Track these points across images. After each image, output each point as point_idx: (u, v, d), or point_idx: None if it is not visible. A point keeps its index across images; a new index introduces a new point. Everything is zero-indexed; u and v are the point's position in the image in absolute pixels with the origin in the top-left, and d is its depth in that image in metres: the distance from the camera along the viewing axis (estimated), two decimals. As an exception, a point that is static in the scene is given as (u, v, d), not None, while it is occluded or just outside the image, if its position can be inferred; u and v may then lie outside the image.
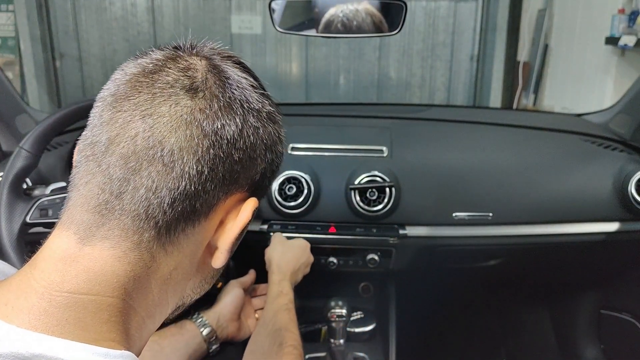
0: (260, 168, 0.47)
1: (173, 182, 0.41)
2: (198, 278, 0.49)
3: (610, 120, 1.38)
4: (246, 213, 0.46)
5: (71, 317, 0.39)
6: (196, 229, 0.44)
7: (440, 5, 3.87)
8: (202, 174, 0.41)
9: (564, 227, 1.17)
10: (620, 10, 2.56)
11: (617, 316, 1.45)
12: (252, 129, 0.45)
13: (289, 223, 1.14)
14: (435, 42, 3.94)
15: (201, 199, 0.42)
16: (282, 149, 0.50)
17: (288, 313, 0.88)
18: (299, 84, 4.05)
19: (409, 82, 4.04)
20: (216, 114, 0.42)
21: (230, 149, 0.43)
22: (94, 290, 0.40)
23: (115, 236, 0.41)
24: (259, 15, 3.86)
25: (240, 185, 0.45)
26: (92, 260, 0.40)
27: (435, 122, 1.39)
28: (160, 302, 0.45)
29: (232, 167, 0.43)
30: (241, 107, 0.44)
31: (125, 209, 0.40)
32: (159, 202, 0.41)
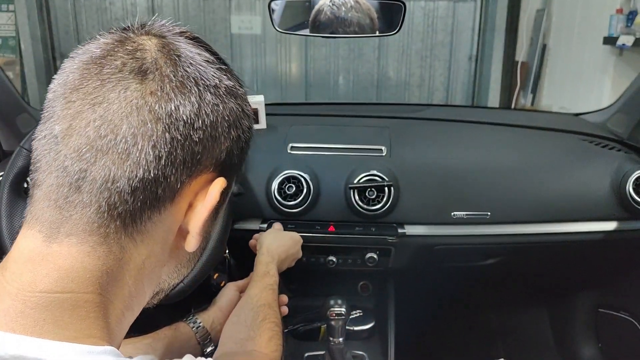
0: (225, 146, 0.45)
1: (130, 170, 0.39)
2: (172, 263, 0.48)
3: (608, 120, 1.38)
4: (213, 194, 0.44)
5: (48, 316, 0.38)
6: (163, 215, 0.43)
7: (439, 6, 3.88)
8: (160, 159, 0.40)
9: (562, 226, 1.18)
10: (618, 10, 2.57)
11: (615, 315, 1.45)
12: (211, 107, 0.43)
13: (289, 222, 1.14)
14: (434, 42, 3.95)
15: (163, 185, 0.41)
16: (249, 124, 0.48)
17: (273, 293, 0.89)
18: (298, 84, 4.05)
19: (407, 82, 4.04)
20: (169, 95, 0.41)
21: (188, 130, 0.41)
22: (67, 287, 0.39)
23: (81, 231, 0.40)
24: (259, 16, 3.86)
25: (205, 166, 0.44)
26: (61, 258, 0.40)
27: (434, 122, 1.39)
28: (137, 293, 0.45)
29: (193, 149, 0.42)
30: (196, 85, 0.42)
31: (85, 202, 0.39)
32: (119, 191, 0.39)
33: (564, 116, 1.71)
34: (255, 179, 1.15)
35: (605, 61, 2.72)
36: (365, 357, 1.21)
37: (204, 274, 0.92)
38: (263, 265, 0.94)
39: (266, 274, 0.92)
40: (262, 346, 0.75)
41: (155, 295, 0.50)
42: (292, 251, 1.05)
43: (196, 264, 0.90)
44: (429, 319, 1.62)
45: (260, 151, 1.19)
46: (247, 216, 1.15)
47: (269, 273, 0.93)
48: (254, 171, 1.16)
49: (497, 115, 1.56)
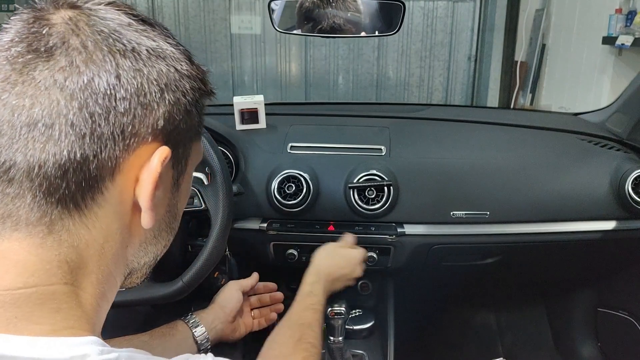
0: (161, 113, 0.42)
1: (54, 153, 0.38)
2: (136, 243, 0.46)
3: (607, 120, 1.39)
4: (153, 164, 0.42)
5: (19, 313, 0.37)
6: (107, 195, 0.41)
7: (439, 6, 3.88)
8: (83, 137, 0.38)
9: (561, 225, 1.18)
10: (617, 10, 2.57)
11: (614, 314, 1.45)
12: (132, 73, 0.40)
13: (288, 221, 1.15)
14: (434, 42, 3.95)
15: (95, 163, 0.39)
16: (192, 84, 0.45)
17: (314, 313, 0.86)
18: (298, 83, 4.05)
19: (407, 81, 4.05)
20: (79, 69, 0.38)
21: (109, 102, 0.39)
22: (29, 282, 0.38)
23: (24, 224, 0.39)
24: (259, 16, 3.87)
25: (142, 136, 0.41)
26: (15, 253, 0.39)
27: (433, 122, 1.39)
28: (106, 278, 0.43)
29: (120, 121, 0.39)
30: (109, 52, 0.40)
31: (19, 193, 0.38)
32: (49, 176, 0.38)
33: (563, 116, 1.71)
34: (255, 178, 1.15)
35: (605, 61, 2.73)
36: (365, 356, 1.21)
37: (204, 273, 0.92)
38: (308, 285, 0.92)
39: (309, 294, 0.90)
40: None
41: (128, 276, 0.49)
42: (344, 271, 1.00)
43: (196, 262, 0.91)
44: (429, 317, 1.63)
45: (260, 151, 1.20)
46: (247, 215, 1.15)
47: (312, 293, 0.91)
48: (253, 171, 1.16)
49: (496, 115, 1.56)
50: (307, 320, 0.84)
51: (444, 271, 1.28)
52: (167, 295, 0.90)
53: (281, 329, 0.83)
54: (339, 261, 1.01)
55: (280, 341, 0.79)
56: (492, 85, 3.84)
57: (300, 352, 0.76)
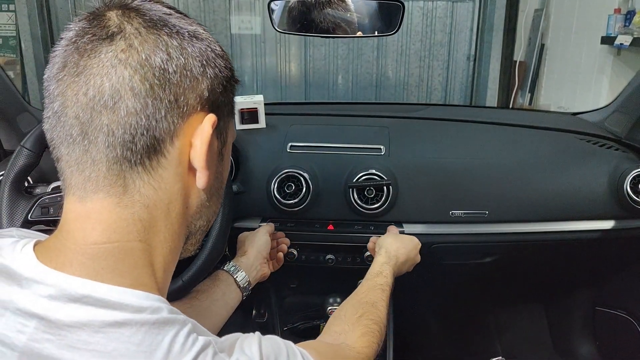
0: (206, 85, 0.49)
1: (125, 121, 0.44)
2: (194, 205, 0.52)
3: (606, 119, 1.39)
4: (206, 128, 0.49)
5: (105, 265, 0.44)
6: (169, 157, 0.47)
7: (438, 6, 3.89)
8: (146, 106, 0.45)
9: (560, 224, 1.18)
10: (616, 10, 2.58)
11: (612, 313, 1.46)
12: (179, 50, 0.47)
13: (288, 220, 1.15)
14: (433, 42, 3.96)
15: (158, 129, 0.46)
16: (225, 63, 0.52)
17: (381, 293, 0.89)
18: (298, 83, 4.05)
19: (406, 81, 4.05)
20: (137, 49, 0.45)
21: (164, 74, 0.46)
22: (113, 237, 0.45)
23: (102, 186, 0.45)
24: (259, 16, 3.87)
25: (193, 105, 0.48)
26: (98, 213, 0.45)
27: (432, 121, 1.40)
28: (172, 237, 0.50)
29: (175, 91, 0.46)
30: (159, 35, 0.47)
31: (96, 159, 0.45)
32: (121, 142, 0.44)
33: (561, 115, 1.72)
34: (255, 177, 1.15)
35: (603, 61, 2.73)
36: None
37: (204, 272, 0.92)
38: (378, 265, 0.96)
39: (379, 274, 0.94)
40: (353, 340, 0.75)
41: (187, 240, 0.55)
42: (412, 254, 1.05)
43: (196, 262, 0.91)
44: (427, 316, 1.63)
45: (260, 150, 1.20)
46: (247, 215, 1.15)
47: (381, 273, 0.94)
48: (254, 170, 1.16)
49: (495, 115, 1.56)
50: (372, 299, 0.86)
51: (443, 270, 1.28)
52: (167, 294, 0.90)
53: (346, 305, 0.85)
54: (407, 245, 1.05)
55: (343, 317, 0.81)
56: (491, 85, 3.84)
57: (359, 328, 0.78)
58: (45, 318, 0.41)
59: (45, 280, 0.42)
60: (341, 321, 0.80)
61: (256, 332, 0.52)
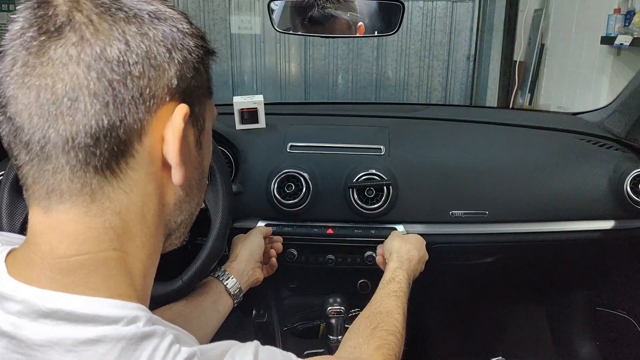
0: (173, 72, 0.44)
1: (84, 124, 0.40)
2: (171, 202, 0.48)
3: (606, 119, 1.39)
4: (176, 121, 0.44)
5: (76, 279, 0.41)
6: (138, 158, 0.43)
7: (438, 6, 3.89)
8: (107, 104, 0.40)
9: (560, 225, 1.18)
10: (616, 10, 2.58)
11: (613, 313, 1.46)
12: (139, 37, 0.42)
13: (286, 224, 1.15)
14: (433, 42, 3.96)
15: (122, 129, 0.41)
16: (194, 41, 0.46)
17: (396, 300, 0.85)
18: (298, 83, 4.05)
19: (406, 81, 4.05)
20: (90, 41, 0.40)
21: (123, 68, 0.41)
22: (82, 249, 0.42)
23: (67, 196, 0.41)
24: (259, 16, 3.87)
25: (160, 97, 0.43)
26: (64, 224, 0.42)
27: (432, 121, 1.40)
28: (149, 240, 0.46)
29: (137, 84, 0.42)
30: (114, 21, 0.41)
31: (58, 167, 0.41)
32: (83, 147, 0.40)
33: (561, 115, 1.72)
34: (255, 178, 1.15)
35: (603, 61, 2.73)
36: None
37: (204, 272, 0.92)
38: (390, 272, 0.92)
39: (391, 280, 0.89)
40: (368, 354, 0.71)
41: (168, 238, 0.51)
42: (422, 252, 1.01)
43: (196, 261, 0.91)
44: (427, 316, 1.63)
45: (260, 150, 1.20)
46: (247, 215, 1.15)
47: (394, 279, 0.90)
48: (253, 170, 1.16)
49: (495, 115, 1.56)
50: (387, 307, 0.82)
51: (443, 270, 1.28)
52: (166, 294, 0.90)
53: (360, 318, 0.81)
54: (415, 244, 1.01)
55: (357, 330, 0.77)
56: (490, 85, 3.84)
57: (374, 341, 0.74)
58: (15, 337, 0.38)
59: (14, 295, 0.40)
60: (355, 334, 0.76)
61: (254, 341, 0.48)
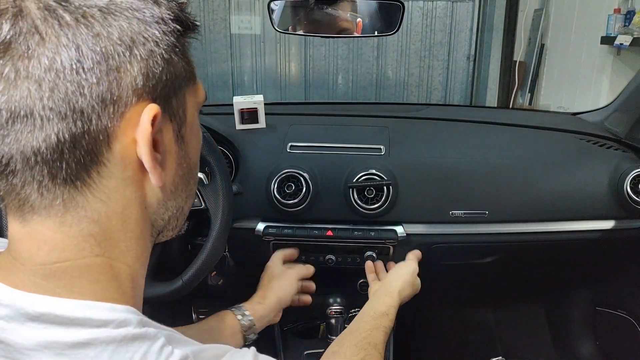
0: (137, 70, 0.40)
1: (43, 138, 0.37)
2: (154, 203, 0.46)
3: (606, 119, 1.39)
4: (143, 124, 0.40)
5: (60, 285, 0.40)
6: (110, 166, 0.40)
7: (438, 6, 3.89)
8: (65, 117, 0.37)
9: (560, 224, 1.18)
10: (616, 10, 2.58)
11: (613, 313, 1.46)
12: (92, 40, 0.38)
13: (286, 226, 1.14)
14: (433, 42, 3.96)
15: (87, 138, 0.38)
16: (161, 28, 0.41)
17: (385, 336, 0.85)
18: (298, 83, 4.05)
19: (406, 81, 4.05)
20: (37, 52, 0.36)
21: (78, 76, 0.37)
22: (62, 257, 0.40)
23: (39, 209, 0.40)
24: (259, 16, 3.87)
25: (125, 100, 0.40)
26: (42, 234, 0.40)
27: (432, 121, 1.40)
28: (135, 244, 0.44)
29: (96, 91, 0.38)
30: (61, 26, 0.37)
31: (24, 182, 0.39)
32: (47, 160, 0.38)
33: (561, 115, 1.72)
34: (255, 178, 1.15)
35: (603, 61, 2.73)
36: (364, 355, 1.21)
37: (204, 272, 0.92)
38: (385, 306, 0.91)
39: (384, 315, 0.89)
40: None
41: (159, 235, 0.49)
42: (415, 286, 1.04)
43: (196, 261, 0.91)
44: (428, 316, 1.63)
45: (260, 150, 1.20)
46: (247, 215, 1.15)
47: (387, 315, 0.89)
48: (253, 170, 1.16)
49: (495, 115, 1.56)
50: (375, 340, 0.82)
51: (443, 270, 1.28)
52: (166, 294, 0.90)
53: (346, 341, 0.81)
54: (412, 280, 1.03)
55: (343, 355, 0.77)
56: (490, 85, 3.85)
57: None
58: (3, 341, 0.38)
59: (1, 299, 0.39)
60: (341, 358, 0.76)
61: (251, 348, 0.47)
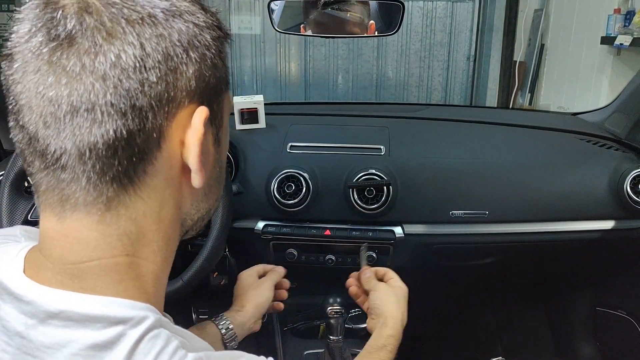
0: (191, 73, 0.42)
1: (101, 134, 0.38)
2: (188, 203, 0.47)
3: (606, 119, 1.39)
4: (195, 126, 0.42)
5: (85, 285, 0.41)
6: (157, 165, 0.42)
7: (438, 6, 3.89)
8: (124, 114, 0.38)
9: (560, 225, 1.18)
10: (615, 10, 2.58)
11: (613, 313, 1.46)
12: (155, 40, 0.39)
13: (285, 225, 1.15)
14: (433, 42, 3.96)
15: (141, 136, 0.40)
16: (212, 34, 0.44)
17: None
18: (298, 83, 4.05)
19: (406, 81, 4.05)
20: (103, 48, 0.38)
21: (140, 74, 0.39)
22: (94, 255, 0.41)
23: (82, 205, 0.40)
24: (259, 16, 3.87)
25: (179, 101, 0.41)
26: (76, 231, 0.41)
27: (432, 121, 1.40)
28: (166, 244, 0.45)
29: (155, 90, 0.40)
30: (128, 24, 0.39)
31: (73, 177, 0.39)
32: (100, 157, 0.39)
33: (561, 116, 1.72)
34: (255, 178, 1.15)
35: (603, 61, 2.73)
36: (364, 355, 1.21)
37: (204, 272, 0.92)
38: (383, 338, 0.87)
39: (383, 347, 0.85)
40: None
41: (185, 234, 0.50)
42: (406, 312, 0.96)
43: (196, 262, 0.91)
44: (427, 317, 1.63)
45: (260, 150, 1.20)
46: (247, 215, 1.15)
47: (386, 347, 0.86)
48: (253, 170, 1.16)
49: (495, 115, 1.56)
50: None
51: (443, 270, 1.28)
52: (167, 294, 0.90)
53: None
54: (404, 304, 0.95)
55: None
56: (491, 85, 3.84)
57: None
58: (26, 337, 0.38)
59: (27, 295, 0.39)
60: None
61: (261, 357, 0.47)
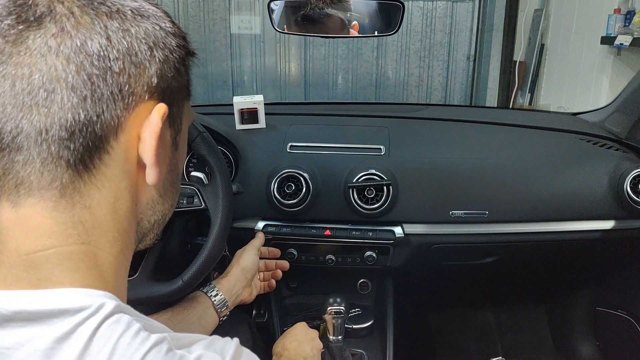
0: (154, 70, 0.44)
1: (59, 117, 0.39)
2: (144, 201, 0.48)
3: (606, 119, 1.39)
4: (154, 121, 0.44)
5: (41, 275, 0.40)
6: (112, 154, 0.42)
7: (438, 6, 3.89)
8: (85, 99, 0.39)
9: (560, 225, 1.18)
10: (616, 10, 2.58)
11: (613, 313, 1.46)
12: (121, 33, 0.41)
13: (285, 225, 1.15)
14: (433, 42, 3.96)
15: (99, 124, 0.41)
16: (177, 41, 0.46)
17: None
18: (298, 83, 4.05)
19: (406, 81, 4.05)
20: (70, 34, 0.39)
21: (104, 62, 0.40)
22: (48, 244, 0.40)
23: (36, 190, 0.40)
24: (258, 16, 3.87)
25: (139, 95, 0.43)
26: (31, 219, 0.40)
27: (432, 121, 1.40)
28: (122, 236, 0.45)
29: (117, 81, 0.41)
30: (96, 15, 0.41)
31: (28, 159, 0.39)
32: (56, 140, 0.39)
33: (561, 116, 1.72)
34: (255, 178, 1.15)
35: (603, 61, 2.73)
36: (364, 355, 1.21)
37: (204, 271, 0.92)
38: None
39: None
40: None
41: (142, 238, 0.50)
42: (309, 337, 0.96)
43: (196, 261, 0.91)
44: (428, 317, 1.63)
45: (260, 150, 1.20)
46: (247, 215, 1.15)
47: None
48: (253, 170, 1.16)
49: (495, 115, 1.56)
50: None
51: (443, 270, 1.28)
52: (167, 294, 0.90)
53: None
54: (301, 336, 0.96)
55: None
56: (491, 85, 3.85)
57: None
58: None
59: None
60: None
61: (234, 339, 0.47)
